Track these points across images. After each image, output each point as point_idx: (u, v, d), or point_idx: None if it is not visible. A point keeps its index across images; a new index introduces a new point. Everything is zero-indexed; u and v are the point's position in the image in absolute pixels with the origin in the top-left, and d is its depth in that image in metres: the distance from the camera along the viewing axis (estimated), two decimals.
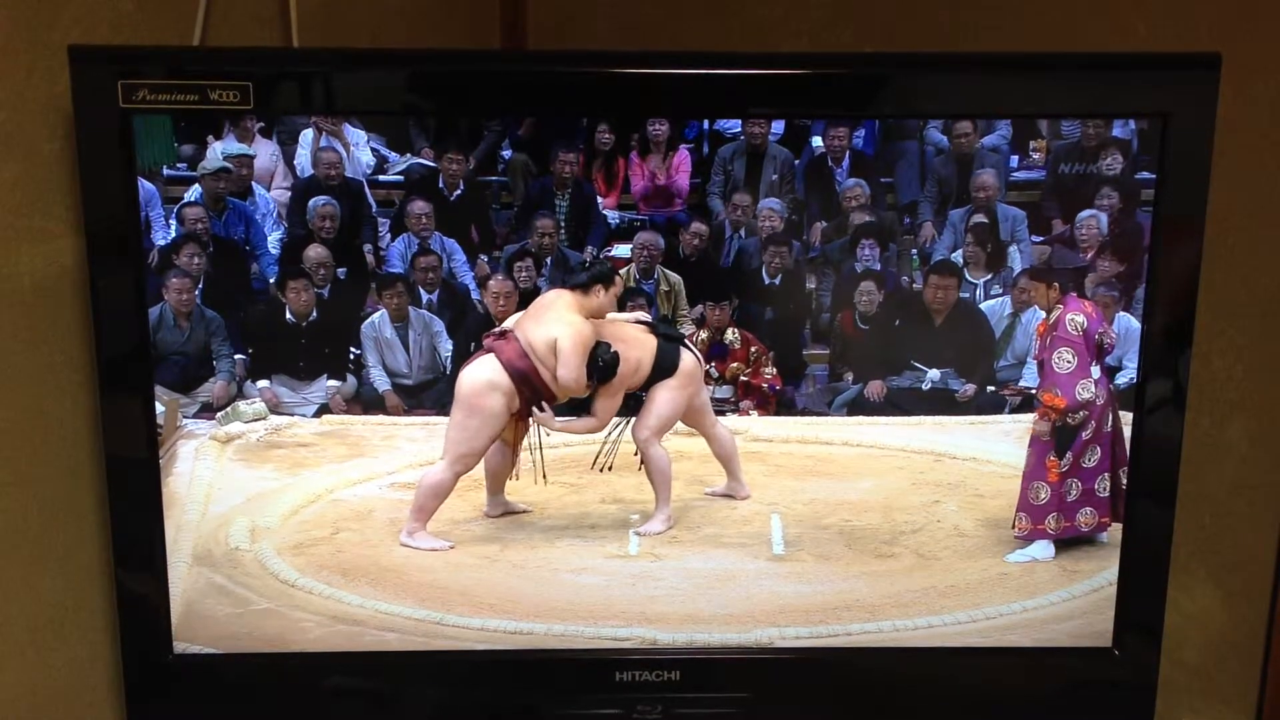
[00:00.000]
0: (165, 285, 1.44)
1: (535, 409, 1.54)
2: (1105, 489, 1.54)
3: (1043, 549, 1.55)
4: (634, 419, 1.57)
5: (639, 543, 1.56)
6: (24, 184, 1.42)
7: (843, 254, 1.50)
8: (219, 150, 1.42)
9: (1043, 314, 1.50)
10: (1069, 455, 1.53)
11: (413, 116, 1.45)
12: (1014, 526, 1.55)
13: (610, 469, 1.56)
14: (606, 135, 1.46)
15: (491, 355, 1.53)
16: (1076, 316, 1.50)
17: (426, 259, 1.50)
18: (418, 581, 1.54)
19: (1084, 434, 1.53)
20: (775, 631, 1.52)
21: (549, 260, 1.50)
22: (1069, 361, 1.50)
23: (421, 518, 1.55)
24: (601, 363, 1.52)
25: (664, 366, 1.56)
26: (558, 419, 1.55)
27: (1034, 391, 1.52)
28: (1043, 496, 1.54)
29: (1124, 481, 1.53)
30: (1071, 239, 1.46)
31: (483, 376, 1.53)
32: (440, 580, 1.54)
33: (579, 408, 1.56)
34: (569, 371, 1.52)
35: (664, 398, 1.56)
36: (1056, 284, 1.49)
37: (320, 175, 1.45)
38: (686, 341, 1.55)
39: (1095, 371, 1.51)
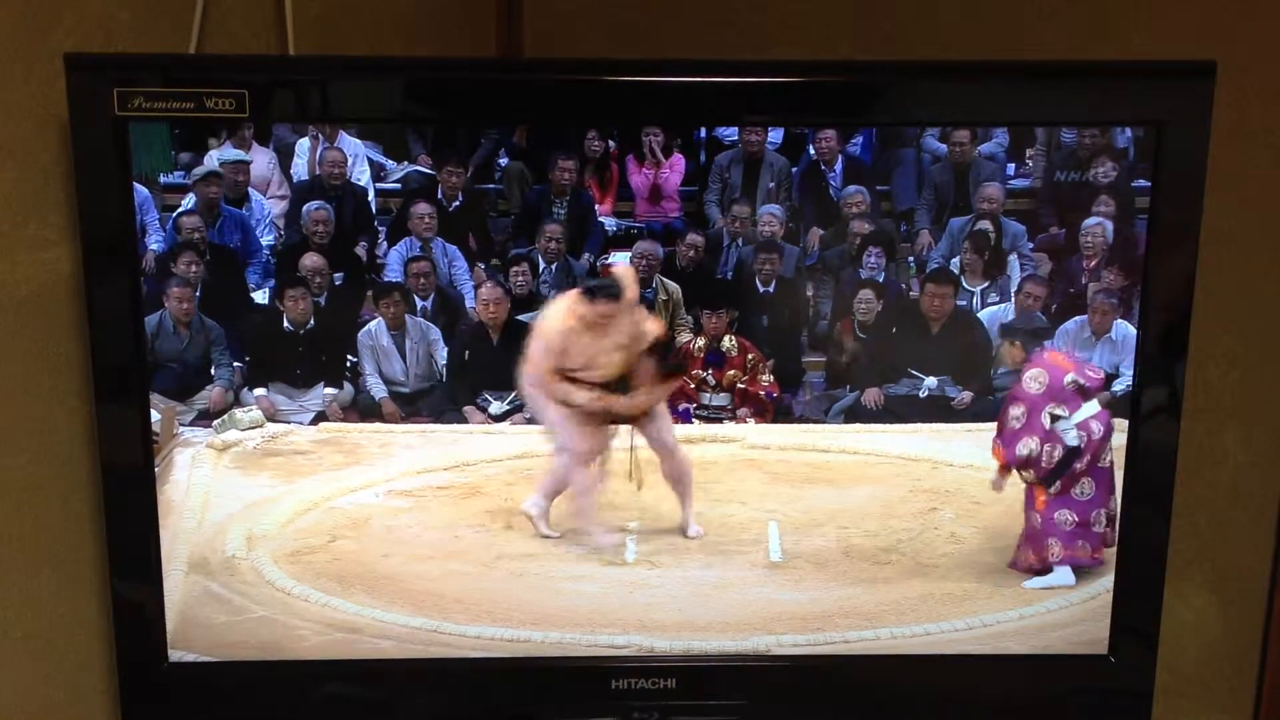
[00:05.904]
0: (166, 294, 1.43)
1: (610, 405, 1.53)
2: (1101, 524, 1.54)
3: (1062, 575, 1.55)
4: (648, 433, 1.55)
5: (636, 551, 1.56)
6: (20, 192, 1.42)
7: (842, 261, 1.50)
8: (215, 158, 1.42)
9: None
10: (1057, 485, 1.53)
11: (409, 124, 1.45)
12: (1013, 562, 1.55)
13: (641, 483, 1.55)
14: (597, 143, 1.46)
15: None
16: (1039, 374, 1.50)
17: (419, 264, 1.50)
18: (414, 589, 1.54)
19: (1077, 465, 1.53)
20: (772, 639, 1.52)
21: (553, 267, 1.49)
22: (1017, 419, 1.51)
23: (543, 492, 1.55)
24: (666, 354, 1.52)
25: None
26: (622, 398, 1.54)
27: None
28: (1037, 524, 1.54)
29: (1115, 513, 1.53)
30: (1070, 247, 1.46)
31: None
32: (437, 588, 1.54)
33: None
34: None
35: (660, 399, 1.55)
36: (1018, 342, 1.50)
37: (324, 174, 1.44)
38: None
39: (1071, 419, 1.50)
